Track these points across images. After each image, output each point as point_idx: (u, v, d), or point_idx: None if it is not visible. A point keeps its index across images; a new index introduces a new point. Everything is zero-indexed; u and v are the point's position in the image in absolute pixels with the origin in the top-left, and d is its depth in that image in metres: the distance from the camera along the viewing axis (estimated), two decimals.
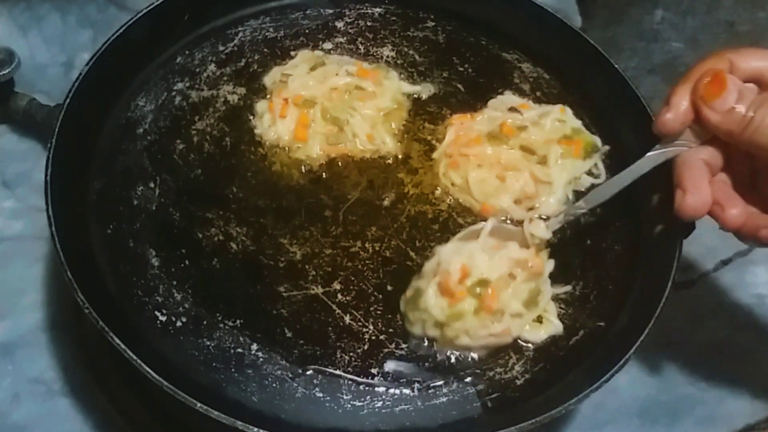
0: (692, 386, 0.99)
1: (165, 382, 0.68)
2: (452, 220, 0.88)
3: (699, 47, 1.21)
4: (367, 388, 0.75)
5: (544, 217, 0.85)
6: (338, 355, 0.77)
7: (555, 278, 0.84)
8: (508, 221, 0.87)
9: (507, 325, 0.77)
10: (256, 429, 0.67)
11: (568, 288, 0.84)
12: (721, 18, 1.18)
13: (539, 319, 0.80)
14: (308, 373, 0.76)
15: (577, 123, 0.95)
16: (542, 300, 0.80)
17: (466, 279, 0.77)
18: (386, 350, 0.78)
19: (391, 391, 0.75)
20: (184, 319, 0.78)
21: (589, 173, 0.93)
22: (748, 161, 0.76)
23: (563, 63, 1.03)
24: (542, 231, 0.81)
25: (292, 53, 1.00)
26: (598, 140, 0.95)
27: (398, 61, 1.02)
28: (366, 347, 0.78)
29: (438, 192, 0.90)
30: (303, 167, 0.90)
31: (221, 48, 1.00)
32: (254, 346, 0.77)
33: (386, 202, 0.89)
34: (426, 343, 0.78)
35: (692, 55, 1.21)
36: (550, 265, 0.83)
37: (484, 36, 1.07)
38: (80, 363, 0.90)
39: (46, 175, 0.79)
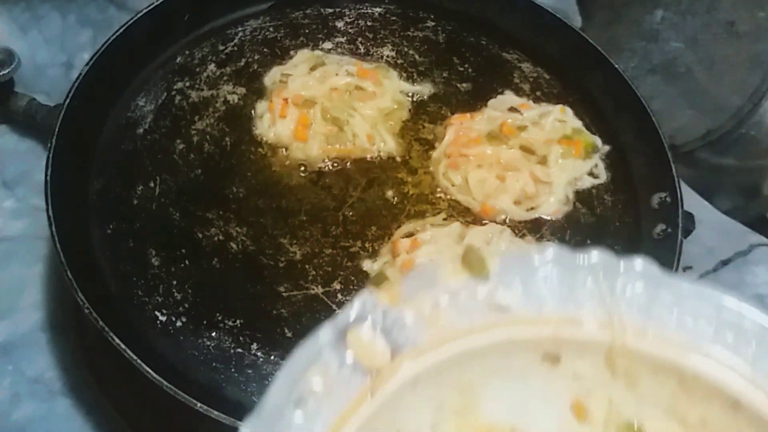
0: None
1: (165, 382, 0.68)
2: (452, 220, 0.88)
3: (699, 47, 1.21)
4: None
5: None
6: None
7: None
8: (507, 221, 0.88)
9: None
10: None
11: None
12: (721, 18, 1.18)
13: None
14: None
15: (578, 123, 0.95)
16: None
17: None
18: None
19: None
20: (184, 319, 0.78)
21: (590, 173, 0.93)
22: None
23: (563, 63, 1.04)
24: None
25: (292, 53, 1.00)
26: (598, 140, 0.95)
27: (398, 61, 1.02)
28: None
29: (438, 192, 0.90)
30: (303, 167, 0.90)
31: (221, 48, 1.00)
32: (254, 346, 0.77)
33: (386, 203, 0.89)
34: None
35: (692, 55, 1.21)
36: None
37: (484, 36, 1.07)
38: (80, 363, 0.90)
39: (46, 175, 0.79)
